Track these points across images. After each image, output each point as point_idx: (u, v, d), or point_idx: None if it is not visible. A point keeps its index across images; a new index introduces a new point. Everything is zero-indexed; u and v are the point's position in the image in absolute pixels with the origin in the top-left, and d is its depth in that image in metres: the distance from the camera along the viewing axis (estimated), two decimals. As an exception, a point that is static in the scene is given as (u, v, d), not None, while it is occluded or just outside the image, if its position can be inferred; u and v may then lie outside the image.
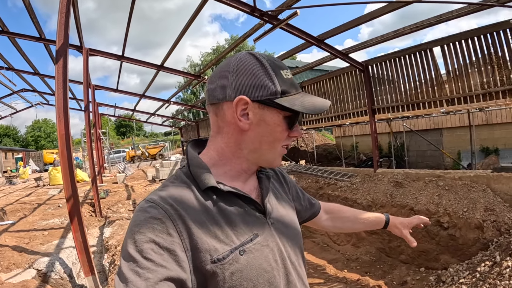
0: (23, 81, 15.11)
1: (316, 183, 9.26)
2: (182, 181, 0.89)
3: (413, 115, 8.90)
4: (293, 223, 1.07)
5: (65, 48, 4.48)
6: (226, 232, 0.83)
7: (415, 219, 1.48)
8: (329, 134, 23.45)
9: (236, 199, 0.90)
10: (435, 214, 5.73)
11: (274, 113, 0.87)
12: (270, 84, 0.85)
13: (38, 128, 62.92)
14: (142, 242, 0.72)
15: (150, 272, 0.68)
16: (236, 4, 6.37)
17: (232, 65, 0.88)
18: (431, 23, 6.35)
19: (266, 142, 0.90)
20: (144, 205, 0.81)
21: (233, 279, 0.79)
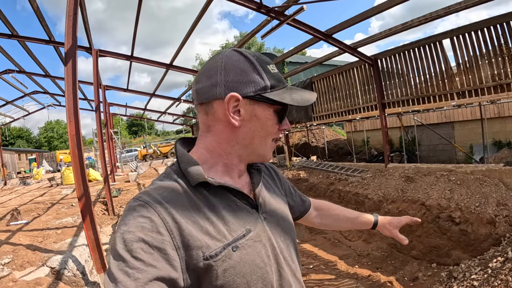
0: (34, 83, 15.28)
1: (327, 179, 9.23)
2: (171, 179, 0.88)
3: (424, 108, 8.79)
4: (286, 217, 1.06)
5: (73, 50, 4.52)
6: (218, 228, 0.82)
7: (404, 219, 1.47)
8: (340, 129, 23.32)
9: (228, 194, 0.89)
10: (446, 209, 5.66)
11: (265, 108, 0.88)
12: (259, 79, 0.86)
13: (50, 129, 63.74)
14: (131, 241, 0.71)
15: (140, 272, 0.68)
16: (242, 1, 6.36)
17: (219, 63, 0.87)
18: (440, 15, 6.25)
19: (258, 137, 0.91)
20: (133, 203, 0.80)
21: (226, 276, 0.79)
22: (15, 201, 12.96)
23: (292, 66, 22.40)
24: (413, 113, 10.39)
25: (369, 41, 7.88)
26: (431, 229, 5.75)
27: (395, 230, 1.45)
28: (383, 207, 6.82)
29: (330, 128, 22.77)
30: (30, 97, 17.64)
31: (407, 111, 9.49)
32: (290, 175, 10.69)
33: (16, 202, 12.37)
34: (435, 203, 5.88)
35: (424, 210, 6.01)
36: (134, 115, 39.03)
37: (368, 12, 6.60)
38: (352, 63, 9.57)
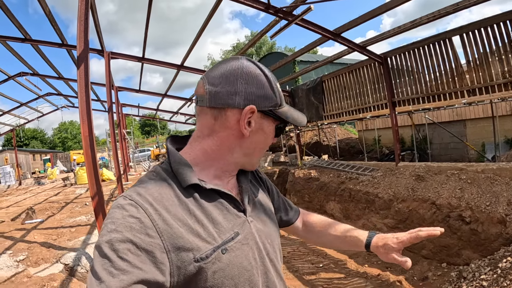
0: (48, 85, 15.48)
1: (338, 178, 9.22)
2: (162, 178, 0.87)
3: (434, 106, 8.72)
4: (271, 220, 1.07)
5: (86, 54, 4.61)
6: (208, 230, 0.82)
7: (406, 238, 1.10)
8: (352, 128, 23.22)
9: (217, 197, 0.89)
10: (457, 208, 5.62)
11: (270, 123, 0.94)
12: (273, 96, 0.91)
13: (64, 130, 64.77)
14: (118, 241, 0.70)
15: (125, 274, 0.67)
16: (250, 2, 6.39)
17: (240, 71, 0.88)
18: (448, 12, 6.18)
19: (259, 149, 0.96)
20: (122, 202, 0.78)
21: (215, 278, 0.80)
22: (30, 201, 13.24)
23: (303, 65, 22.37)
24: (424, 111, 10.32)
25: (378, 39, 7.84)
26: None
27: (394, 254, 1.10)
28: (393, 206, 6.80)
29: (342, 127, 22.68)
30: (44, 99, 17.90)
31: (417, 109, 9.42)
32: (301, 174, 10.69)
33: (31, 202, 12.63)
34: (446, 202, 5.84)
35: (434, 209, 5.98)
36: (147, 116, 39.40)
37: (376, 10, 6.56)
38: (362, 61, 9.52)
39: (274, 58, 24.95)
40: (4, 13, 7.69)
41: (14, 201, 14.31)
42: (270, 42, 39.75)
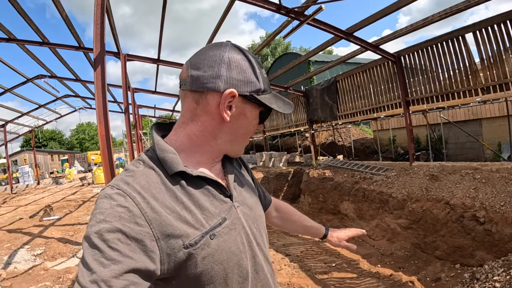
0: (65, 87, 15.76)
1: (352, 178, 9.18)
2: (148, 166, 0.87)
3: (448, 105, 8.59)
4: (257, 205, 1.10)
5: (102, 56, 4.71)
6: (196, 216, 0.83)
7: (351, 232, 1.53)
8: (367, 128, 23.04)
9: (204, 184, 0.90)
10: (471, 208, 5.54)
11: (253, 108, 0.93)
12: (256, 81, 0.90)
13: (82, 131, 65.82)
14: (107, 231, 0.70)
15: (115, 263, 0.67)
16: (261, 3, 6.43)
17: (223, 56, 0.87)
18: (460, 9, 6.09)
19: (241, 134, 0.96)
20: (110, 191, 0.78)
21: (205, 263, 0.81)
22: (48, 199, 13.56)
23: (318, 65, 22.26)
24: (439, 110, 10.17)
25: (390, 38, 7.79)
26: (455, 229, 5.65)
27: (343, 242, 1.50)
28: (407, 206, 6.74)
29: (357, 127, 22.53)
30: (62, 100, 18.22)
31: (432, 108, 9.31)
32: (315, 174, 10.67)
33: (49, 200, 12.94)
34: (460, 202, 5.77)
35: (448, 209, 5.91)
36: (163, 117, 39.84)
37: (387, 9, 6.51)
38: (376, 60, 9.45)
39: (289, 59, 24.87)
40: (23, 18, 7.90)
41: (32, 199, 14.69)
42: (285, 43, 39.63)
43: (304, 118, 13.96)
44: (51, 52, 10.40)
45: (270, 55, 39.01)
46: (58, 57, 11.02)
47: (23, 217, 9.59)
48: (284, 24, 7.39)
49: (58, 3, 7.23)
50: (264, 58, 38.92)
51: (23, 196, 16.80)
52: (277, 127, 16.95)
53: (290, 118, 15.36)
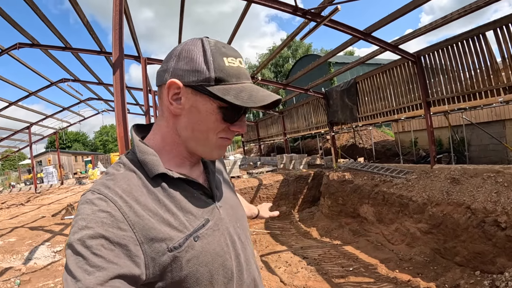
0: (88, 90, 16.11)
1: (372, 180, 9.05)
2: (129, 169, 0.85)
3: (470, 106, 8.35)
4: (237, 204, 1.08)
5: (120, 60, 4.79)
6: (179, 219, 0.82)
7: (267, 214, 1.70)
8: (388, 130, 22.65)
9: (185, 185, 0.89)
10: (492, 213, 5.35)
11: (207, 101, 0.84)
12: (204, 70, 0.82)
13: (105, 133, 67.28)
14: (90, 237, 0.68)
15: (100, 270, 0.66)
16: (277, 5, 6.42)
17: (177, 49, 0.86)
18: (479, 6, 5.92)
19: (198, 130, 0.87)
20: (91, 196, 0.76)
21: (190, 266, 0.79)
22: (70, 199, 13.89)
23: (339, 67, 22.08)
24: (460, 111, 9.90)
25: (409, 37, 7.65)
26: (476, 234, 5.47)
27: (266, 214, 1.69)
28: (427, 210, 6.58)
29: (378, 129, 22.18)
30: (85, 103, 18.67)
31: (453, 109, 9.06)
32: (335, 176, 10.58)
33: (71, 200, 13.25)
34: (481, 206, 5.58)
35: (469, 213, 5.73)
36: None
37: (405, 8, 6.40)
38: (395, 61, 9.28)
39: (310, 60, 24.70)
40: (46, 25, 8.13)
41: (55, 199, 15.07)
42: (306, 44, 39.40)
43: (324, 120, 13.86)
44: (73, 56, 10.66)
45: (291, 57, 38.90)
46: (80, 61, 11.30)
47: (46, 216, 9.85)
48: (301, 25, 7.36)
49: (79, 10, 7.42)
50: (285, 60, 38.81)
51: (46, 196, 17.26)
52: (298, 129, 16.88)
53: (311, 121, 15.27)
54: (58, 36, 9.02)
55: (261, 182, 12.02)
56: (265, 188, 11.87)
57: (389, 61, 9.92)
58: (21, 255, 5.79)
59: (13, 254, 5.85)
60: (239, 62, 0.88)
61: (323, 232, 9.23)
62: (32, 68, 11.75)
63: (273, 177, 12.35)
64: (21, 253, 5.89)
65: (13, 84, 12.77)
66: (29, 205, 14.14)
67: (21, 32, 8.73)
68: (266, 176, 12.81)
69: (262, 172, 14.18)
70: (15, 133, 19.69)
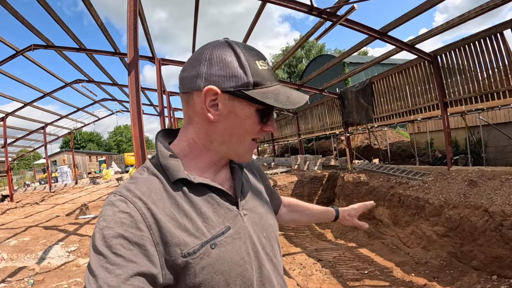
0: (103, 91, 16.29)
1: (388, 182, 8.93)
2: (151, 173, 0.87)
3: (488, 106, 8.17)
4: (267, 213, 1.04)
5: (135, 61, 4.82)
6: (196, 225, 0.81)
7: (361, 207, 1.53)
8: (404, 131, 22.41)
9: (207, 191, 0.88)
10: (510, 216, 5.19)
11: (245, 105, 0.84)
12: (242, 75, 0.82)
13: (119, 134, 68.02)
14: (110, 237, 0.71)
15: (120, 268, 0.68)
16: (292, 5, 6.38)
17: (205, 53, 0.85)
18: (497, 4, 5.77)
19: (236, 135, 0.87)
20: (113, 198, 0.79)
21: (204, 273, 0.78)
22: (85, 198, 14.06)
23: (353, 67, 21.92)
24: (478, 111, 9.71)
25: (426, 36, 7.53)
26: (494, 238, 5.34)
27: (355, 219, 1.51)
28: (444, 213, 6.46)
29: (393, 130, 21.95)
30: (100, 104, 18.90)
31: (470, 109, 8.89)
32: (350, 178, 10.48)
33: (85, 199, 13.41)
34: (499, 209, 5.44)
35: (487, 217, 5.60)
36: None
37: (422, 6, 6.29)
38: (411, 61, 9.15)
39: (324, 61, 24.56)
40: (60, 26, 8.23)
41: (70, 198, 15.28)
42: (320, 44, 39.16)
43: (339, 121, 13.75)
44: (88, 58, 10.77)
45: (304, 57, 38.73)
46: (95, 62, 11.41)
47: (60, 215, 9.97)
48: (316, 25, 7.31)
49: (93, 11, 7.49)
50: (299, 61, 38.64)
51: (60, 195, 17.52)
52: (312, 130, 16.78)
53: (325, 121, 15.17)
54: (72, 37, 9.12)
55: (276, 183, 11.96)
56: (280, 189, 11.81)
57: (403, 61, 9.81)
58: (35, 255, 5.85)
59: (27, 253, 5.91)
60: (268, 64, 0.89)
61: (337, 234, 9.13)
62: (47, 69, 11.92)
63: (287, 178, 12.28)
64: (35, 252, 5.94)
65: (28, 85, 12.98)
66: (44, 204, 14.35)
67: (35, 33, 8.86)
68: (280, 177, 12.73)
69: (277, 173, 14.10)
70: (30, 133, 20.02)
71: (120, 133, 68.27)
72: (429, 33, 7.44)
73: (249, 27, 8.25)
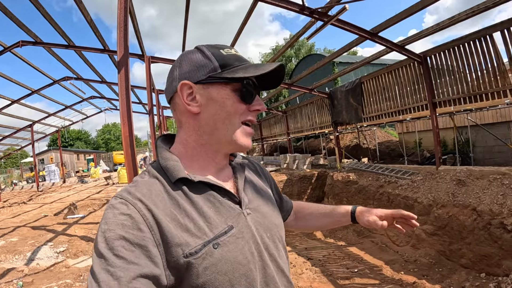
0: (91, 89, 16.11)
1: (377, 181, 9.00)
2: (152, 175, 0.88)
3: (476, 107, 8.29)
4: (272, 213, 1.03)
5: (125, 59, 4.76)
6: (198, 225, 0.81)
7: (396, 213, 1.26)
8: (392, 131, 22.60)
9: (209, 190, 0.88)
10: (498, 215, 5.30)
11: (220, 88, 0.88)
12: (207, 63, 0.87)
13: (107, 132, 67.35)
14: (112, 239, 0.71)
15: (122, 271, 0.67)
16: (284, 4, 6.38)
17: (177, 61, 0.93)
18: (488, 7, 5.86)
19: (220, 120, 0.89)
20: (113, 201, 0.80)
21: (207, 274, 0.78)
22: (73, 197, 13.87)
23: (343, 67, 22.04)
24: (466, 112, 9.84)
25: (416, 37, 7.59)
26: (482, 237, 5.43)
27: (373, 217, 1.24)
28: (433, 212, 6.54)
29: (382, 129, 22.14)
30: (88, 101, 18.66)
31: (459, 110, 9.01)
32: (340, 177, 10.52)
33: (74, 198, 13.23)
34: (487, 208, 5.53)
35: (475, 215, 5.69)
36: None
37: (413, 8, 6.36)
38: (401, 61, 9.23)
39: (313, 60, 24.65)
40: (49, 22, 8.10)
41: (58, 197, 15.07)
42: (309, 44, 39.19)
43: (328, 120, 13.80)
44: (77, 55, 10.64)
45: (294, 57, 38.70)
46: (83, 59, 11.27)
47: (48, 215, 9.82)
48: (307, 25, 7.31)
49: (83, 8, 7.38)
50: (288, 60, 38.61)
51: (48, 194, 17.28)
52: (301, 129, 16.83)
53: (314, 120, 15.22)
54: (61, 34, 8.99)
55: (265, 182, 11.93)
56: (269, 188, 11.79)
57: (393, 61, 9.88)
58: (23, 255, 5.75)
59: (16, 254, 5.81)
60: (235, 51, 0.93)
61: (327, 233, 9.18)
62: (35, 66, 11.74)
63: (276, 177, 12.29)
64: (23, 253, 5.84)
65: (16, 82, 12.76)
66: (31, 203, 14.14)
67: (24, 30, 8.70)
68: (269, 176, 12.71)
69: (265, 172, 14.05)
70: (17, 131, 19.70)
71: (108, 131, 67.60)
72: (419, 34, 7.51)
73: (240, 25, 8.23)
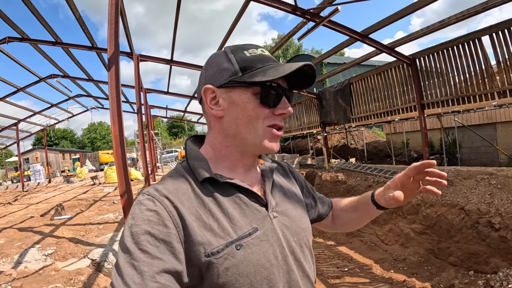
0: (78, 87, 15.95)
1: (365, 181, 9.09)
2: (180, 174, 0.89)
3: (464, 109, 8.44)
4: (300, 217, 1.01)
5: (116, 56, 4.70)
6: (222, 225, 0.81)
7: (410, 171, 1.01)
8: (379, 131, 22.83)
9: (236, 192, 0.88)
10: (486, 214, 5.43)
11: (241, 92, 0.87)
12: (229, 66, 0.87)
13: (94, 131, 66.42)
14: (138, 234, 0.72)
15: (146, 265, 0.68)
16: (276, 4, 6.40)
17: (205, 63, 0.95)
18: (477, 11, 5.99)
19: (243, 124, 0.88)
20: (141, 198, 0.81)
21: (228, 275, 0.77)
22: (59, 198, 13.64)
23: (331, 67, 22.15)
24: (453, 114, 10.01)
25: (406, 40, 7.70)
26: (470, 235, 5.54)
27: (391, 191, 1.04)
28: (421, 211, 6.64)
29: (370, 130, 22.34)
30: (74, 100, 18.42)
31: (447, 111, 9.16)
32: (328, 177, 10.59)
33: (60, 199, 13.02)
34: (475, 207, 5.65)
35: (463, 214, 5.80)
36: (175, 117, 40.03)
37: (404, 11, 6.45)
38: (390, 63, 9.35)
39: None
40: (36, 18, 7.97)
41: (43, 198, 14.80)
42: (297, 44, 39.30)
43: (316, 120, 13.86)
44: (64, 52, 10.49)
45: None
46: (71, 57, 11.11)
47: (34, 216, 9.64)
48: (299, 25, 7.35)
49: (71, 3, 7.27)
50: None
51: (34, 194, 16.96)
52: (289, 129, 16.88)
53: (303, 121, 15.29)
54: (48, 30, 8.85)
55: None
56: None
57: (381, 63, 9.97)
58: (10, 258, 5.61)
59: (3, 257, 5.67)
60: (261, 51, 0.92)
61: (316, 233, 9.21)
62: (21, 63, 11.54)
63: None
64: (10, 256, 5.70)
65: (1, 79, 12.54)
66: (17, 204, 13.85)
67: (10, 25, 8.54)
68: (258, 176, 12.73)
69: (254, 172, 14.08)
70: (2, 130, 19.37)
71: (94, 130, 66.69)
72: (410, 37, 7.61)
73: (231, 24, 8.22)
